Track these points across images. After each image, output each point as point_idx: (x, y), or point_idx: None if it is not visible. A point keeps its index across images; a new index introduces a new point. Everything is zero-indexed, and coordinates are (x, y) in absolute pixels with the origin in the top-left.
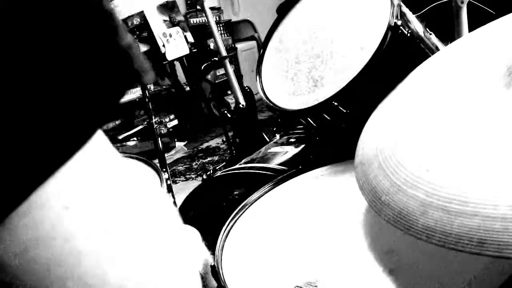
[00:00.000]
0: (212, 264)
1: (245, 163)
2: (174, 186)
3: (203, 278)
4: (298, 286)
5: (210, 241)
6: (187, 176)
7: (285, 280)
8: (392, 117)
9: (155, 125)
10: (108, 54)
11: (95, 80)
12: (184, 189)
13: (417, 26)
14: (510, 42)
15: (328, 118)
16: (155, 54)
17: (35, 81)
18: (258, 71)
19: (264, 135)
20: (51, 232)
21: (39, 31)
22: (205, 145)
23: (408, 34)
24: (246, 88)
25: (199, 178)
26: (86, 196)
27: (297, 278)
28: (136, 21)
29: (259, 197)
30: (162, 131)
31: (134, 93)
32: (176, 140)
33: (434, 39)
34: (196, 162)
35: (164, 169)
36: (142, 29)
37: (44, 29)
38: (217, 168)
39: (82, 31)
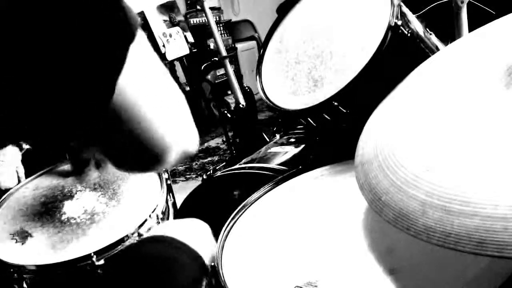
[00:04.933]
0: (212, 263)
1: (245, 163)
2: (174, 186)
3: (210, 273)
4: (298, 286)
5: None
6: (187, 176)
7: (285, 280)
8: (392, 117)
9: None
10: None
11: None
12: (184, 189)
13: (417, 26)
14: (510, 42)
15: (328, 118)
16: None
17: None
18: (258, 71)
19: (264, 135)
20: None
21: None
22: (205, 145)
23: (408, 34)
24: (246, 88)
25: (199, 178)
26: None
27: (297, 278)
28: None
29: (259, 197)
30: None
31: None
32: None
33: (434, 39)
34: (196, 162)
35: (164, 169)
36: (142, 29)
37: None
38: (217, 168)
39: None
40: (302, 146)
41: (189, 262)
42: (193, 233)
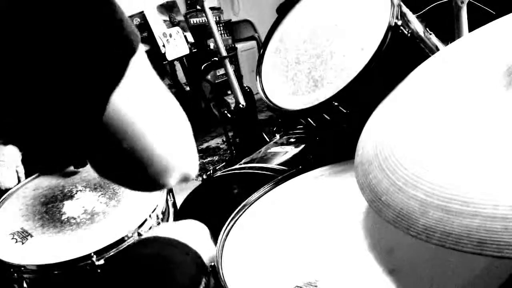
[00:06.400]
0: (212, 263)
1: (245, 163)
2: (174, 186)
3: (209, 273)
4: (298, 286)
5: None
6: None
7: (285, 280)
8: (392, 117)
9: None
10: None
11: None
12: (184, 189)
13: (417, 26)
14: (510, 42)
15: (328, 118)
16: (155, 54)
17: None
18: (258, 71)
19: (264, 135)
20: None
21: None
22: (205, 145)
23: (408, 34)
24: (246, 88)
25: (199, 178)
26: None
27: (297, 278)
28: (136, 21)
29: (259, 197)
30: None
31: None
32: None
33: (434, 39)
34: None
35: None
36: (142, 29)
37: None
38: (217, 168)
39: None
40: (302, 146)
41: (187, 261)
42: (191, 233)
